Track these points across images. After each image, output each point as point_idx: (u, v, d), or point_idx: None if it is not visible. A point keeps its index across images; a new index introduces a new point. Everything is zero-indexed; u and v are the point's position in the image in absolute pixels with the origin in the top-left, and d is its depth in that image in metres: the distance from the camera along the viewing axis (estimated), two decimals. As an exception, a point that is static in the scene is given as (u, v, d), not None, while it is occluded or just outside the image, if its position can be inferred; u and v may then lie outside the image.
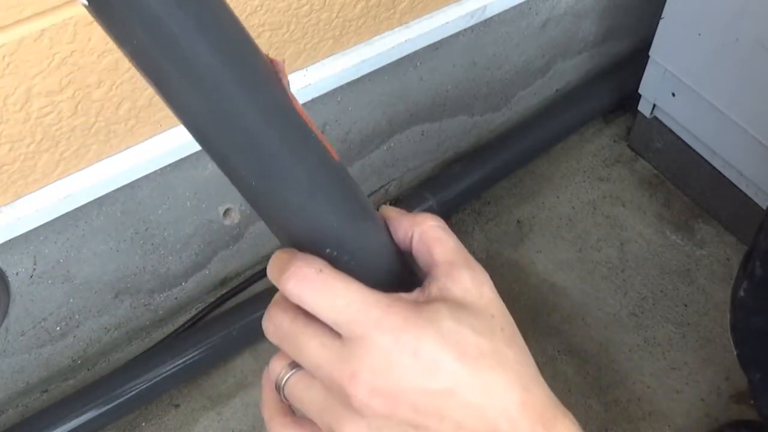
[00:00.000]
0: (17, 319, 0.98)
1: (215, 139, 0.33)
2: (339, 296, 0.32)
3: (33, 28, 0.71)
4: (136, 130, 0.88)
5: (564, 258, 1.30)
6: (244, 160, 0.33)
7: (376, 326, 0.31)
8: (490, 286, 0.36)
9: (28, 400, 1.10)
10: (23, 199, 0.84)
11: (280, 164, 0.33)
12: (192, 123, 0.33)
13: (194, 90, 0.31)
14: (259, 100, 0.32)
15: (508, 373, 0.33)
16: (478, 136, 1.40)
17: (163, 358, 1.08)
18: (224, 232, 1.13)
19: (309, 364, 0.34)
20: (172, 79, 0.31)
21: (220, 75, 0.30)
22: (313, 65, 0.98)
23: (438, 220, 0.37)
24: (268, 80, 0.32)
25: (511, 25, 1.23)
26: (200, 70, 0.30)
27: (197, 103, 0.31)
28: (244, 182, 0.34)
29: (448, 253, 0.36)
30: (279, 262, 0.34)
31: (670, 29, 1.22)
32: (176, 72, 0.30)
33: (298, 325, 0.34)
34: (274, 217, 0.35)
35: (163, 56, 0.30)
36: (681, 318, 1.22)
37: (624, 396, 1.14)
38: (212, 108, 0.31)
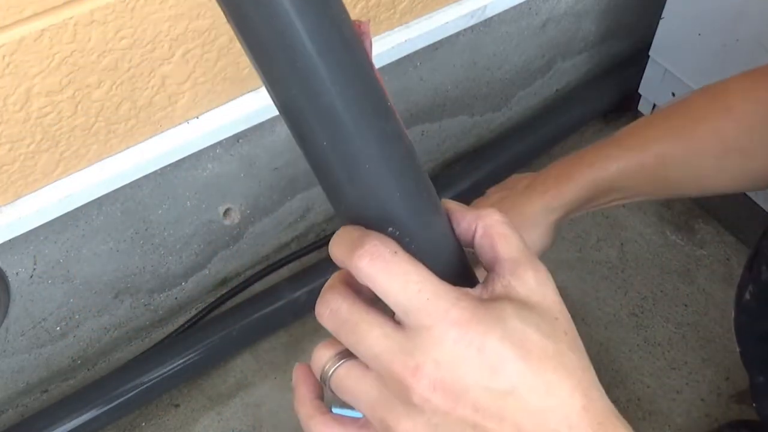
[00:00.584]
0: (17, 319, 0.98)
1: (291, 94, 0.32)
2: (412, 281, 0.31)
3: (33, 28, 0.71)
4: (136, 130, 0.88)
5: (564, 258, 1.30)
6: (318, 118, 0.32)
7: (444, 318, 0.30)
8: (553, 287, 0.35)
9: (28, 400, 1.10)
10: (23, 199, 0.84)
11: (355, 127, 0.32)
12: (273, 78, 0.32)
13: (278, 47, 0.30)
14: (343, 63, 0.31)
15: (571, 377, 0.32)
16: (478, 136, 1.40)
17: (163, 358, 1.08)
18: (224, 232, 1.13)
19: (367, 353, 0.32)
20: (258, 30, 0.30)
21: (305, 35, 0.30)
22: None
23: (503, 215, 0.35)
24: (353, 44, 0.32)
25: (511, 25, 1.23)
26: (287, 30, 0.30)
27: (281, 62, 0.31)
28: (315, 143, 0.32)
29: (513, 251, 0.34)
30: (349, 238, 0.32)
31: (670, 29, 1.22)
32: (263, 26, 0.30)
33: (359, 310, 0.32)
34: (340, 185, 0.33)
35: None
36: (681, 318, 1.22)
37: (624, 396, 1.14)
38: (293, 66, 0.30)
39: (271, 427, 1.11)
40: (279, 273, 1.22)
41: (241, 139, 1.01)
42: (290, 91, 0.32)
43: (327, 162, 0.33)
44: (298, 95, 0.31)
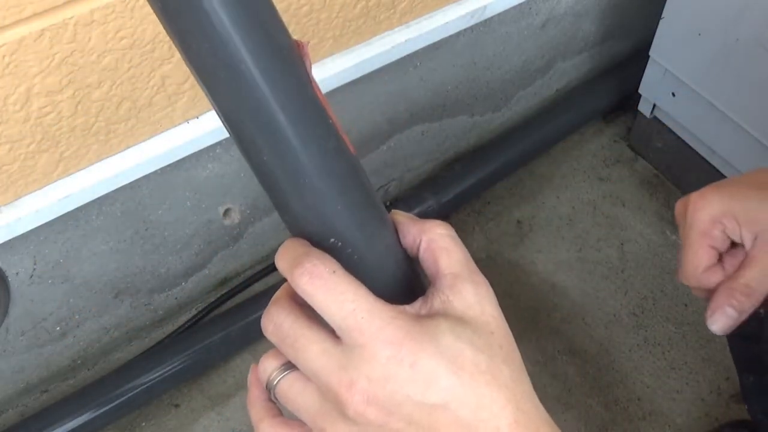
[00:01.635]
0: (17, 319, 0.98)
1: (232, 110, 0.33)
2: (348, 300, 0.32)
3: (33, 28, 0.71)
4: (136, 130, 0.88)
5: (564, 258, 1.30)
6: (259, 134, 0.33)
7: (377, 337, 0.32)
8: (492, 301, 0.36)
9: (28, 400, 1.10)
10: (23, 199, 0.84)
11: (294, 144, 0.33)
12: (214, 93, 0.33)
13: (219, 66, 0.31)
14: (280, 81, 0.32)
15: (503, 390, 0.33)
16: (478, 136, 1.40)
17: (163, 358, 1.08)
18: (224, 232, 1.13)
19: (307, 367, 0.33)
20: (199, 46, 0.31)
21: (244, 52, 0.31)
22: (313, 65, 0.98)
23: (447, 228, 0.37)
24: (292, 63, 0.33)
25: (511, 25, 1.23)
26: (227, 49, 0.31)
27: (222, 79, 0.32)
28: (257, 158, 0.34)
29: (453, 265, 0.36)
30: (292, 254, 0.34)
31: (670, 29, 1.22)
32: (204, 45, 0.31)
33: (300, 326, 0.34)
34: (283, 197, 0.35)
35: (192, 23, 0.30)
36: (681, 318, 1.22)
37: (624, 396, 1.14)
38: (233, 84, 0.32)
39: (271, 427, 1.11)
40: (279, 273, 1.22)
41: (241, 139, 1.01)
42: (231, 108, 0.33)
43: (269, 175, 0.34)
44: (239, 112, 0.33)
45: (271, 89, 0.32)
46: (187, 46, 0.31)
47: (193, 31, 0.31)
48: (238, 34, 0.30)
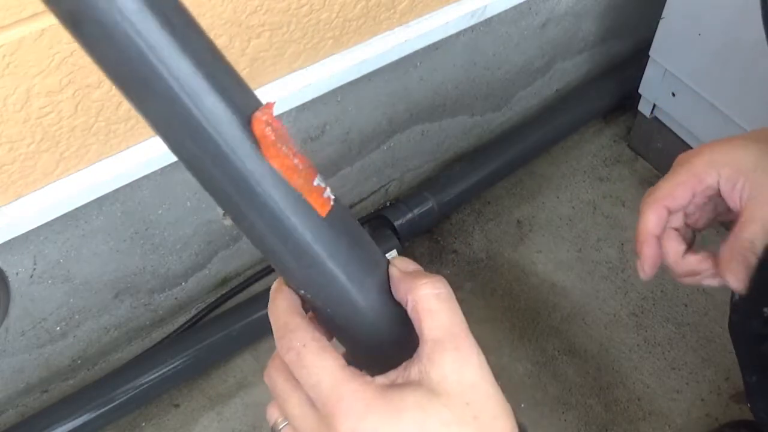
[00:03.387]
0: (17, 319, 0.98)
1: (219, 193, 0.34)
2: (312, 374, 0.34)
3: (33, 28, 0.71)
4: (136, 130, 0.88)
5: (564, 258, 1.30)
6: (230, 205, 0.34)
7: (339, 410, 0.33)
8: (474, 368, 0.34)
9: (28, 400, 1.10)
10: (23, 199, 0.84)
11: (274, 212, 0.33)
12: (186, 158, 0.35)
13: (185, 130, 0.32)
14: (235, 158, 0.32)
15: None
16: (478, 136, 1.40)
17: (163, 358, 1.08)
18: (224, 232, 1.13)
19: (292, 425, 0.36)
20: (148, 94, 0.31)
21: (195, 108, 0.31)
22: (313, 65, 0.98)
23: (436, 286, 0.35)
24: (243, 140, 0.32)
25: (511, 25, 1.23)
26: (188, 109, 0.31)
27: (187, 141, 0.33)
28: (240, 219, 0.35)
29: (435, 330, 0.35)
30: (276, 322, 0.38)
31: (670, 29, 1.22)
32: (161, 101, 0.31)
33: (287, 387, 0.36)
34: (264, 251, 0.36)
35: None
36: (681, 318, 1.22)
37: (624, 396, 1.14)
38: (204, 153, 0.33)
39: (271, 427, 1.11)
40: (279, 273, 1.22)
41: (241, 139, 1.01)
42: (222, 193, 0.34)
43: (253, 236, 0.35)
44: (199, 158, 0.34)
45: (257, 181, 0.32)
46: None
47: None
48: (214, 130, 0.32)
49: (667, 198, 0.56)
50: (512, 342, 1.19)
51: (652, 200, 0.56)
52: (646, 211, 0.57)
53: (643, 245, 0.56)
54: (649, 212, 0.56)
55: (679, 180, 0.56)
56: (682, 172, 0.56)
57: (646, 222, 0.56)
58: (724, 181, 0.55)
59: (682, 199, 0.56)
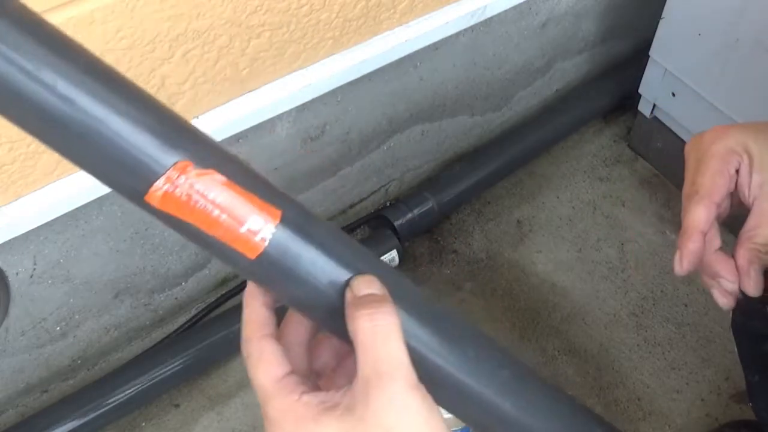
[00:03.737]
0: (17, 319, 0.98)
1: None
2: (252, 378, 0.38)
3: (33, 28, 0.71)
4: (136, 130, 0.87)
5: (564, 258, 1.30)
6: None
7: (266, 417, 0.36)
8: (397, 410, 0.34)
9: (28, 400, 1.10)
10: (23, 199, 0.84)
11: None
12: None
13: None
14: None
15: None
16: (478, 136, 1.40)
17: (163, 358, 1.08)
18: (224, 232, 1.13)
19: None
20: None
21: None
22: (313, 65, 0.98)
23: (374, 318, 0.34)
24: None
25: (511, 25, 1.23)
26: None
27: None
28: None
29: (365, 367, 0.34)
30: (244, 317, 0.41)
31: (670, 29, 1.22)
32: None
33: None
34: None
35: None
36: (681, 318, 1.22)
37: (624, 396, 1.14)
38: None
39: (271, 427, 1.11)
40: (279, 273, 1.22)
41: (241, 139, 1.01)
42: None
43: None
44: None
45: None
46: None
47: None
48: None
49: (713, 191, 0.54)
50: (512, 342, 1.19)
51: (701, 196, 0.54)
52: (696, 206, 0.54)
53: (689, 241, 0.54)
54: (700, 208, 0.54)
55: (714, 169, 0.54)
56: (712, 161, 0.54)
57: (697, 218, 0.54)
58: (743, 168, 0.54)
59: (724, 188, 0.54)
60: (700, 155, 0.56)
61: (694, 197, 0.54)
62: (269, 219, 0.34)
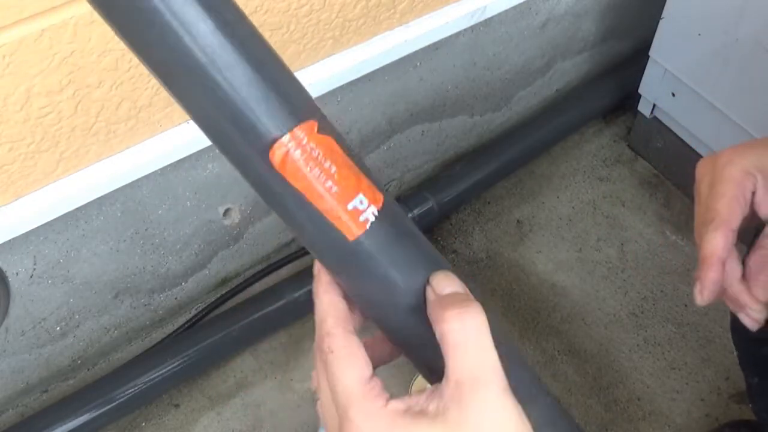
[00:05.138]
0: (17, 319, 0.98)
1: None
2: (333, 380, 0.34)
3: (33, 28, 0.71)
4: (136, 130, 0.88)
5: (564, 258, 1.30)
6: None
7: (348, 423, 0.33)
8: (494, 414, 0.33)
9: (28, 400, 1.10)
10: (23, 199, 0.84)
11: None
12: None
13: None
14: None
15: None
16: (478, 136, 1.40)
17: (163, 358, 1.08)
18: (224, 232, 1.13)
19: (320, 401, 0.37)
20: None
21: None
22: (313, 65, 0.98)
23: (464, 318, 0.33)
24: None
25: (511, 25, 1.23)
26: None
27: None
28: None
29: (457, 371, 0.33)
30: (317, 314, 0.37)
31: (670, 29, 1.22)
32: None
33: (320, 370, 0.37)
34: (318, 254, 0.36)
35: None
36: (681, 318, 1.22)
37: (624, 396, 1.14)
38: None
39: (271, 427, 1.11)
40: (279, 273, 1.22)
41: (241, 139, 1.01)
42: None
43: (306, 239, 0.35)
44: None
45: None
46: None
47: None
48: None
49: (731, 218, 0.53)
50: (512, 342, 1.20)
51: (718, 224, 0.53)
52: (713, 234, 0.53)
53: (709, 270, 0.52)
54: (717, 236, 0.53)
55: (730, 195, 0.53)
56: (728, 186, 0.53)
57: (715, 246, 0.53)
58: (760, 187, 0.53)
59: (740, 213, 0.53)
60: (713, 179, 0.54)
61: (710, 224, 0.53)
62: (373, 201, 0.33)
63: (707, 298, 0.53)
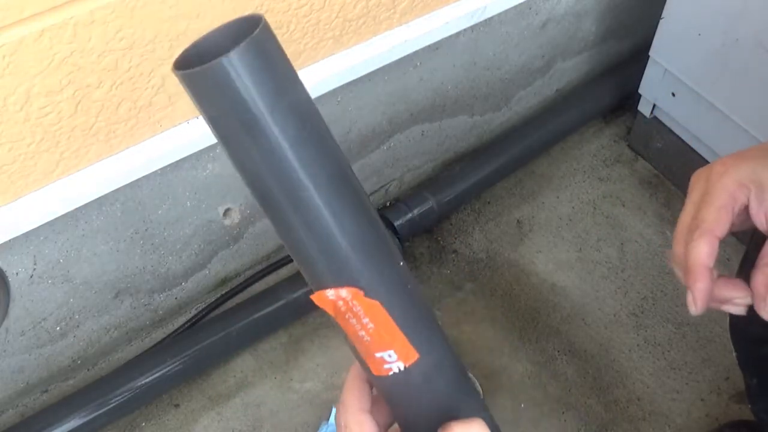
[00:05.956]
0: (17, 319, 0.98)
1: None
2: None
3: (33, 28, 0.71)
4: (136, 130, 0.88)
5: (564, 258, 1.30)
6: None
7: None
8: None
9: (28, 400, 1.10)
10: (23, 199, 0.84)
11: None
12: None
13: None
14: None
15: None
16: (478, 136, 1.40)
17: (163, 358, 1.08)
18: (224, 232, 1.13)
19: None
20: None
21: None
22: (313, 65, 0.98)
23: (466, 428, 0.37)
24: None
25: (511, 25, 1.23)
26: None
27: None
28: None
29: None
30: (342, 403, 0.40)
31: (670, 29, 1.22)
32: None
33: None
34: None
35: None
36: (681, 318, 1.22)
37: (624, 396, 1.14)
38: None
39: (271, 427, 1.11)
40: (279, 273, 1.22)
41: (241, 139, 1.01)
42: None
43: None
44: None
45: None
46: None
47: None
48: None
49: (716, 226, 0.53)
50: (512, 342, 1.19)
51: (703, 231, 0.53)
52: (699, 243, 0.53)
53: (697, 280, 0.53)
54: (701, 244, 0.53)
55: (720, 204, 0.53)
56: (720, 195, 0.53)
57: (699, 254, 0.53)
58: (753, 198, 0.53)
59: (727, 223, 0.53)
60: (707, 188, 0.54)
61: (696, 232, 0.53)
62: (403, 358, 0.37)
63: (701, 307, 0.53)
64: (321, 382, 1.15)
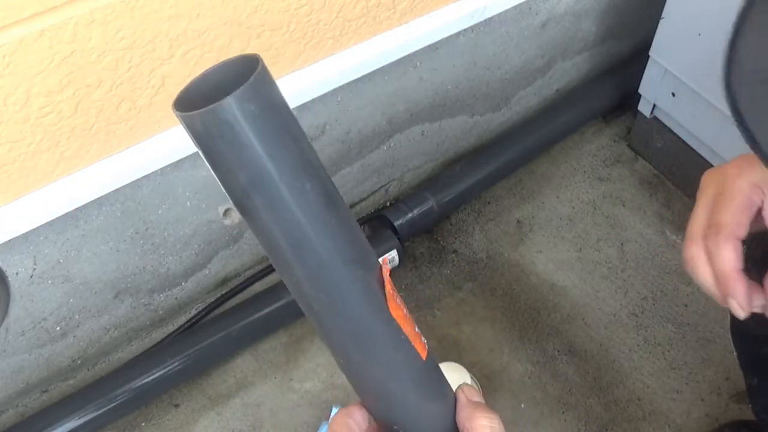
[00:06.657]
0: (17, 319, 0.98)
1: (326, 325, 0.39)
2: None
3: (33, 28, 0.71)
4: (136, 130, 0.88)
5: (564, 258, 1.30)
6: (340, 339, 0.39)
7: None
8: None
9: (28, 400, 1.10)
10: (23, 199, 0.84)
11: (368, 352, 0.39)
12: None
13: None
14: (364, 307, 0.38)
15: None
16: (478, 136, 1.40)
17: (163, 358, 1.08)
18: (224, 232, 1.13)
19: None
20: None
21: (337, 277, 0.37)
22: (313, 65, 0.98)
23: (492, 420, 0.41)
24: (373, 290, 0.38)
25: (511, 25, 1.23)
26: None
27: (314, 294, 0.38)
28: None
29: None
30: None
31: (670, 29, 1.22)
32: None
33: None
34: (358, 383, 0.42)
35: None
36: (681, 318, 1.22)
37: (624, 396, 1.14)
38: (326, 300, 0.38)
39: (271, 427, 1.11)
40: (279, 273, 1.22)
41: (241, 139, 1.01)
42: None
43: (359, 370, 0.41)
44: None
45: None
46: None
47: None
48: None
49: (738, 228, 0.53)
50: (512, 342, 1.19)
51: (727, 235, 0.53)
52: (724, 249, 0.53)
53: (736, 285, 0.52)
54: (728, 249, 0.52)
55: (738, 206, 0.53)
56: (737, 197, 0.53)
57: (729, 260, 0.52)
58: (767, 201, 0.53)
59: (747, 225, 0.53)
60: (721, 189, 0.54)
61: (718, 237, 0.53)
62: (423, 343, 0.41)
63: (748, 309, 0.53)
64: (321, 382, 1.15)
